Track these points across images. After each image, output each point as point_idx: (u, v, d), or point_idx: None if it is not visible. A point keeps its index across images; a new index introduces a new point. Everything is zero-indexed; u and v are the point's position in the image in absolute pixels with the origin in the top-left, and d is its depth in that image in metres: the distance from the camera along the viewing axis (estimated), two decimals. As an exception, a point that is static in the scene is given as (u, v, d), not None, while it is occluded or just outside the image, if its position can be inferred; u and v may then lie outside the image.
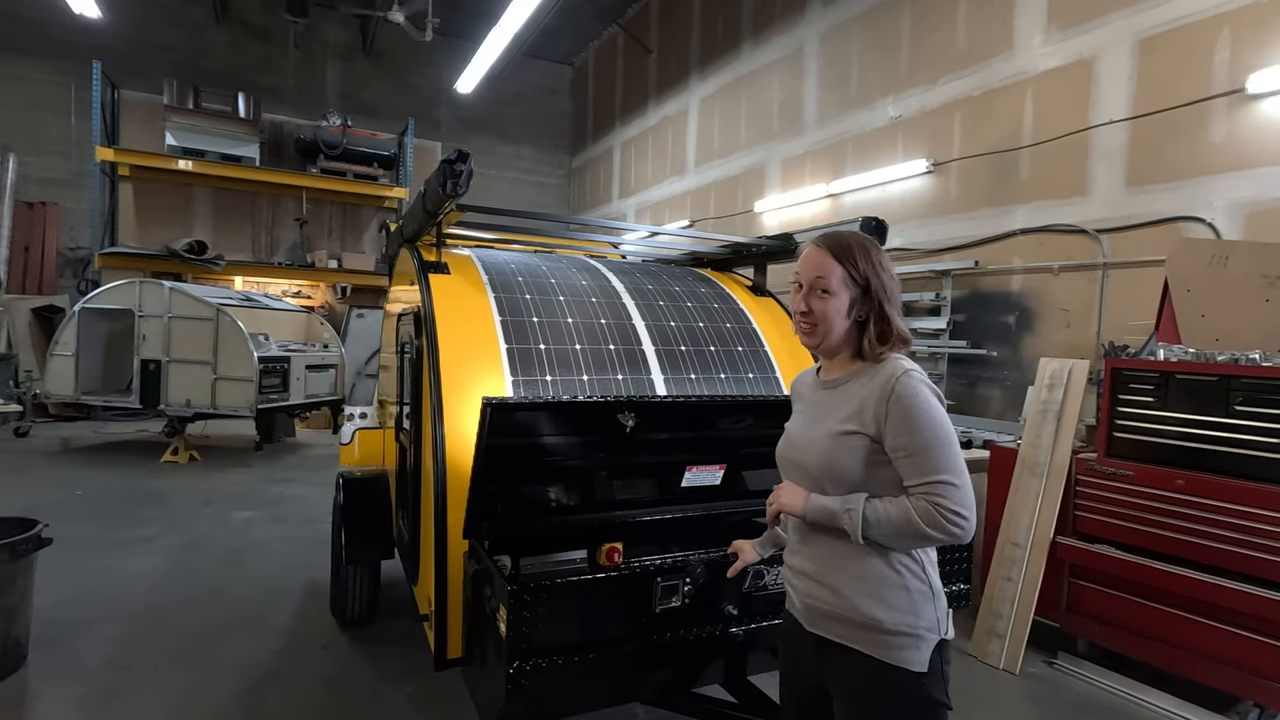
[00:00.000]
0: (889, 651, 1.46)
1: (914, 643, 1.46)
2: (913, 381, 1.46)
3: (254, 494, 6.75)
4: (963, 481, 1.41)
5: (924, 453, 1.42)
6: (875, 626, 1.47)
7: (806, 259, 1.61)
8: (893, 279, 1.58)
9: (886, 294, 1.55)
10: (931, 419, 1.44)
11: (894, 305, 1.56)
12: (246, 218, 12.21)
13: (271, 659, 3.45)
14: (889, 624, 1.46)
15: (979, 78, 6.37)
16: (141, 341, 8.15)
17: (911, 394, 1.45)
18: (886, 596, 1.47)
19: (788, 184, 8.86)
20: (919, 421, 1.43)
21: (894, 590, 1.48)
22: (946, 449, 1.43)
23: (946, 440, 1.43)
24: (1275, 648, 3.00)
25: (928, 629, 1.48)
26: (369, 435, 4.31)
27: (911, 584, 1.49)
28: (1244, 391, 3.13)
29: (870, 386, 1.51)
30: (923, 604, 1.48)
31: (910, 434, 1.43)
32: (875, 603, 1.47)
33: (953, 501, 1.38)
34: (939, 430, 1.43)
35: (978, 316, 6.34)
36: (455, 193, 2.36)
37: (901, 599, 1.47)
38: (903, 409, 1.44)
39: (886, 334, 1.54)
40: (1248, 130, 4.57)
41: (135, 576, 4.48)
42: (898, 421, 1.44)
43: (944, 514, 1.38)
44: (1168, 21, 4.99)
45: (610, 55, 13.92)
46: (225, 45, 12.61)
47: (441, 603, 2.32)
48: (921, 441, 1.43)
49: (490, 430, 1.95)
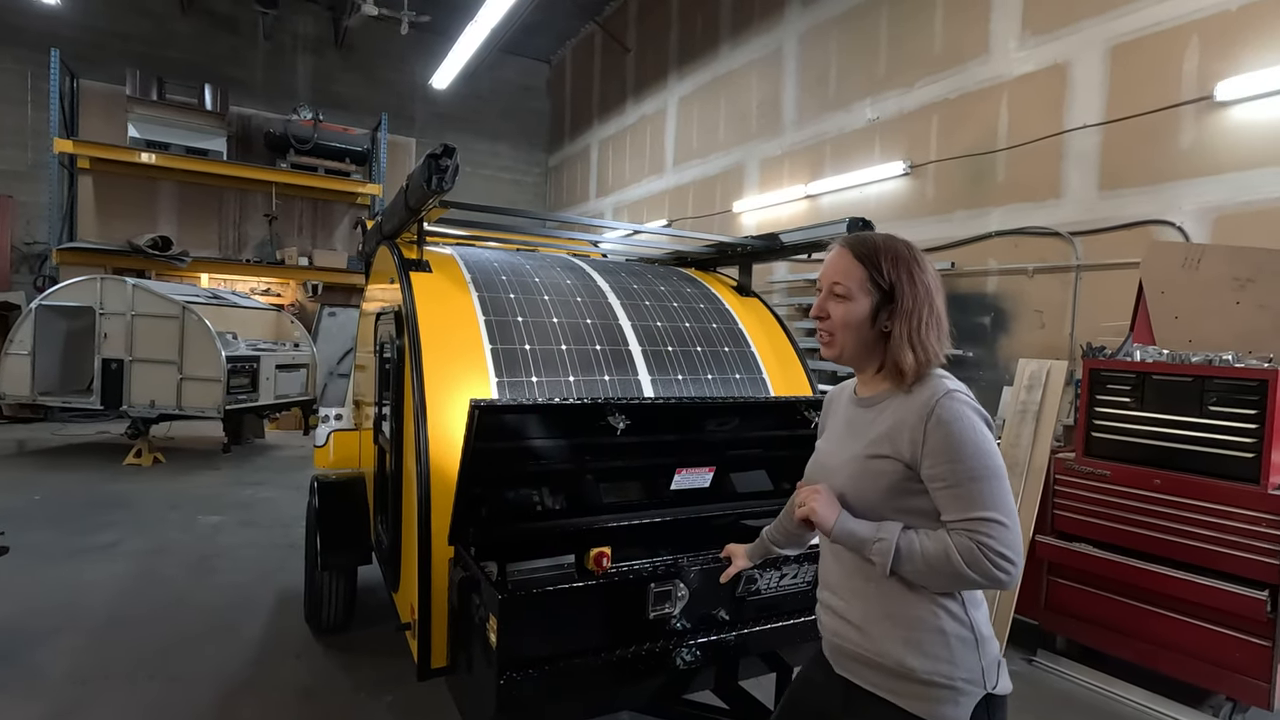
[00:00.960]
0: (922, 705, 1.30)
1: (952, 696, 1.29)
2: (956, 404, 1.30)
3: (222, 497, 6.56)
4: (1013, 522, 1.24)
5: (968, 485, 1.26)
6: (907, 675, 1.31)
7: (828, 260, 1.47)
8: (929, 290, 1.39)
9: (918, 307, 1.37)
10: (978, 447, 1.27)
11: (928, 322, 1.36)
12: (213, 213, 11.89)
13: (243, 670, 3.34)
14: (922, 673, 1.30)
15: (955, 81, 6.45)
16: (103, 340, 7.88)
17: (955, 418, 1.28)
18: (920, 640, 1.31)
19: (766, 184, 8.89)
20: (963, 450, 1.27)
21: (929, 634, 1.31)
22: (996, 483, 1.26)
23: (995, 473, 1.26)
24: (1246, 642, 3.07)
25: (967, 680, 1.30)
26: (345, 437, 4.20)
27: (949, 626, 1.31)
28: (1217, 392, 3.19)
29: (908, 407, 1.34)
30: (962, 651, 1.31)
31: (952, 463, 1.27)
32: (907, 647, 1.31)
33: (1001, 543, 1.21)
34: (987, 460, 1.27)
35: (954, 317, 6.28)
36: (441, 188, 2.29)
37: (937, 644, 1.30)
38: (944, 434, 1.28)
39: (919, 357, 1.35)
40: (1216, 136, 4.69)
41: (97, 585, 4.31)
42: (937, 448, 1.28)
43: (990, 555, 1.21)
44: (1139, 29, 5.10)
45: (588, 53, 13.84)
46: (191, 35, 12.26)
47: (425, 611, 2.25)
48: (965, 472, 1.26)
49: (478, 433, 1.89)
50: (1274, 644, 2.99)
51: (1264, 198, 4.43)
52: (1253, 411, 3.08)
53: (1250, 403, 3.08)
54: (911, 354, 1.35)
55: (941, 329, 1.40)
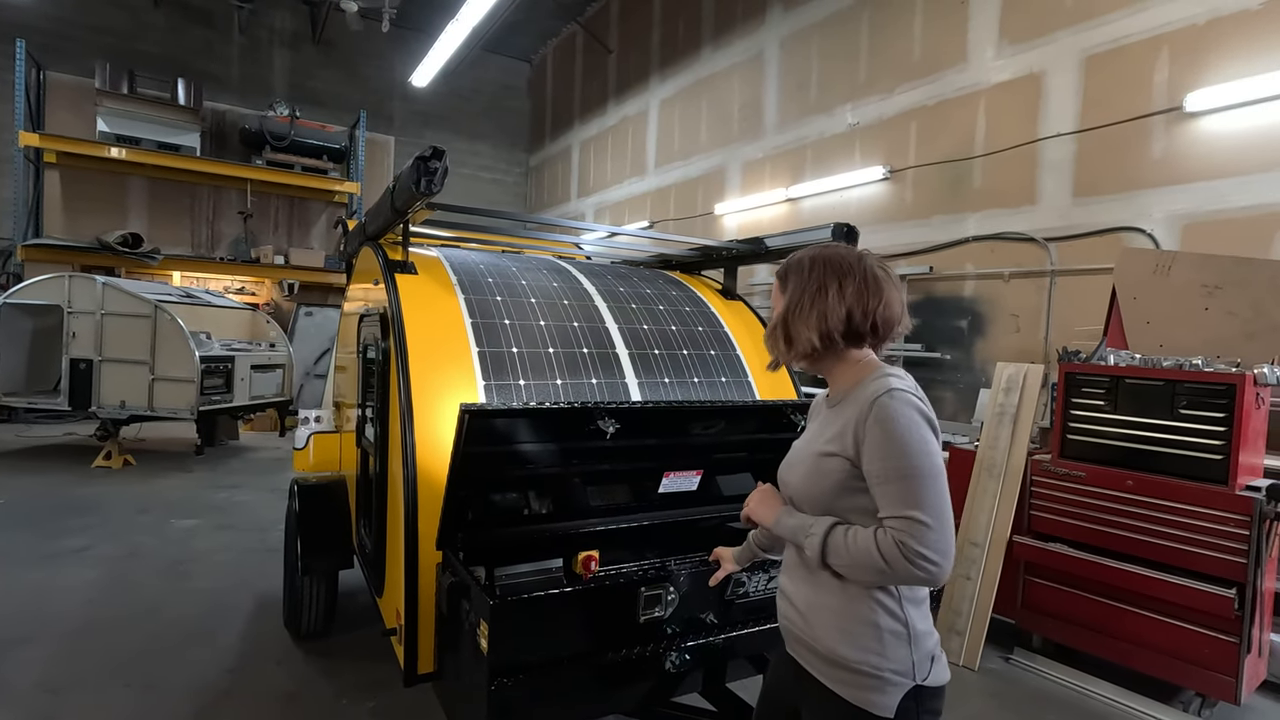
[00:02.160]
0: (850, 691, 1.37)
1: (879, 685, 1.35)
2: (895, 402, 1.33)
3: (196, 500, 6.43)
4: (938, 522, 1.25)
5: (898, 483, 1.29)
6: (838, 662, 1.38)
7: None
8: (812, 290, 1.45)
9: (798, 303, 1.47)
10: (910, 446, 1.30)
11: (801, 315, 1.45)
12: (186, 210, 11.65)
13: (222, 677, 3.27)
14: (852, 661, 1.36)
15: (934, 88, 6.56)
16: (71, 339, 7.67)
17: (891, 417, 1.31)
18: (853, 631, 1.37)
19: (748, 187, 8.95)
20: (894, 447, 1.30)
21: (862, 626, 1.37)
22: (925, 483, 1.28)
23: (926, 473, 1.28)
24: (1215, 639, 3.16)
25: (896, 672, 1.36)
26: (325, 439, 4.14)
27: (883, 621, 1.37)
28: (1187, 395, 3.29)
29: (855, 405, 1.39)
30: (893, 644, 1.36)
31: (885, 460, 1.30)
32: (841, 636, 1.38)
33: (921, 543, 1.23)
34: (918, 460, 1.29)
35: (932, 321, 6.52)
36: (430, 191, 2.27)
37: (868, 636, 1.36)
38: (880, 432, 1.32)
39: (789, 342, 1.47)
40: (1185, 146, 4.82)
41: (67, 591, 4.20)
42: (873, 445, 1.32)
43: (908, 554, 1.24)
44: (1111, 40, 5.23)
45: (569, 53, 13.82)
46: (164, 28, 12.01)
47: (412, 616, 2.23)
48: (895, 470, 1.29)
49: (468, 438, 1.88)
50: (1241, 640, 3.09)
51: (1230, 206, 4.57)
52: (1221, 415, 3.17)
53: (1219, 406, 3.18)
54: (780, 343, 1.50)
55: (815, 321, 1.44)
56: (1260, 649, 3.29)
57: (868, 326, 1.44)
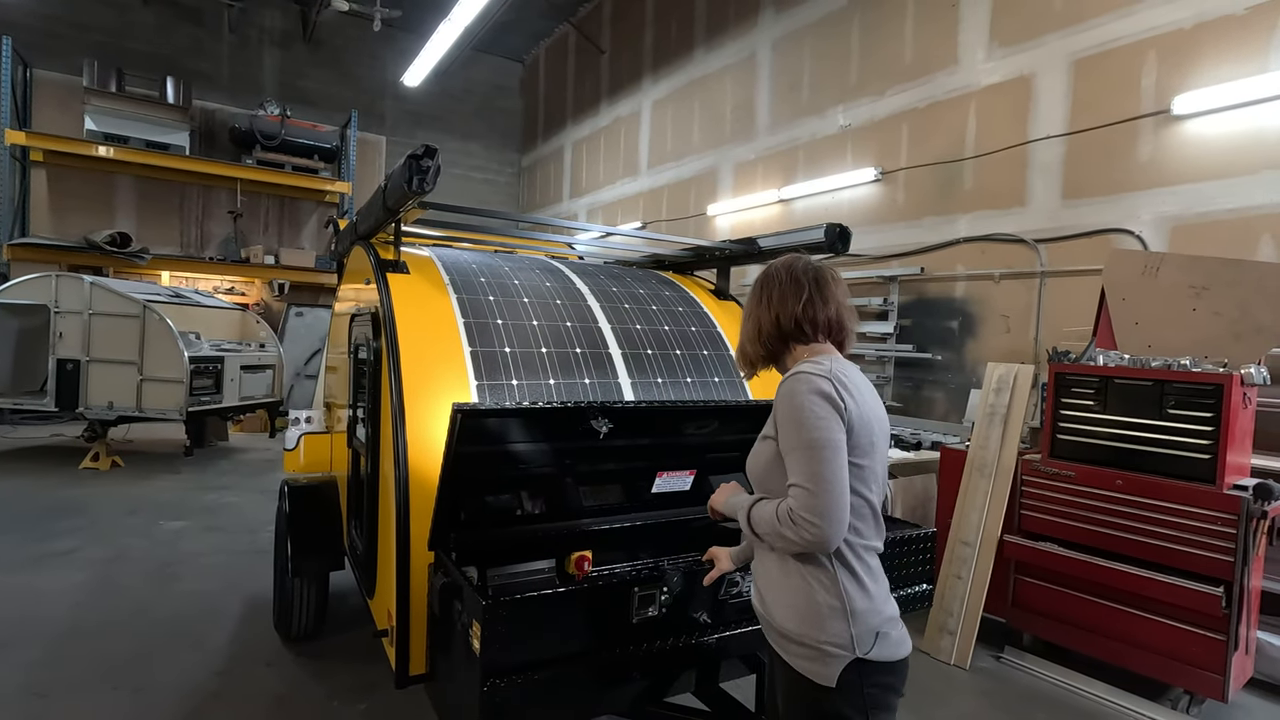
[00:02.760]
0: (799, 661, 1.51)
1: (819, 656, 1.48)
2: (792, 382, 1.51)
3: (185, 502, 6.38)
4: (817, 487, 1.41)
5: (789, 454, 1.48)
6: (786, 635, 1.53)
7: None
8: (750, 305, 1.72)
9: (744, 318, 1.74)
10: (797, 422, 1.47)
11: (744, 328, 1.73)
12: (174, 209, 11.56)
13: (211, 680, 3.25)
14: (794, 634, 1.51)
15: (925, 90, 6.59)
16: (58, 340, 7.60)
17: (787, 395, 1.51)
18: (796, 605, 1.52)
19: (740, 188, 8.96)
20: (786, 427, 1.49)
21: (802, 600, 1.51)
22: (805, 453, 1.44)
23: (808, 445, 1.44)
24: (1203, 637, 3.19)
25: (834, 645, 1.48)
26: (315, 440, 4.11)
27: (820, 598, 1.50)
28: (1175, 396, 3.32)
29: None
30: (830, 620, 1.49)
31: (784, 435, 1.50)
32: (787, 611, 1.53)
33: (802, 506, 1.42)
34: (803, 433, 1.45)
35: (923, 321, 6.55)
36: (422, 189, 2.26)
37: (809, 611, 1.50)
38: (780, 410, 1.52)
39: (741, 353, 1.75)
40: (1172, 149, 4.86)
41: (54, 594, 4.16)
42: (780, 425, 1.52)
43: (794, 517, 1.43)
44: (1099, 44, 5.27)
45: (562, 54, 13.80)
46: (153, 26, 11.91)
47: (404, 617, 2.22)
48: (786, 443, 1.49)
49: (460, 437, 1.87)
50: (1228, 638, 3.12)
51: (1217, 209, 4.61)
52: (1209, 414, 3.20)
53: (1206, 406, 3.21)
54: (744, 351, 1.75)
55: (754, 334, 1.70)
56: (1247, 647, 3.32)
57: (793, 326, 1.64)
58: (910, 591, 2.34)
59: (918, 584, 2.39)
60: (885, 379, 6.70)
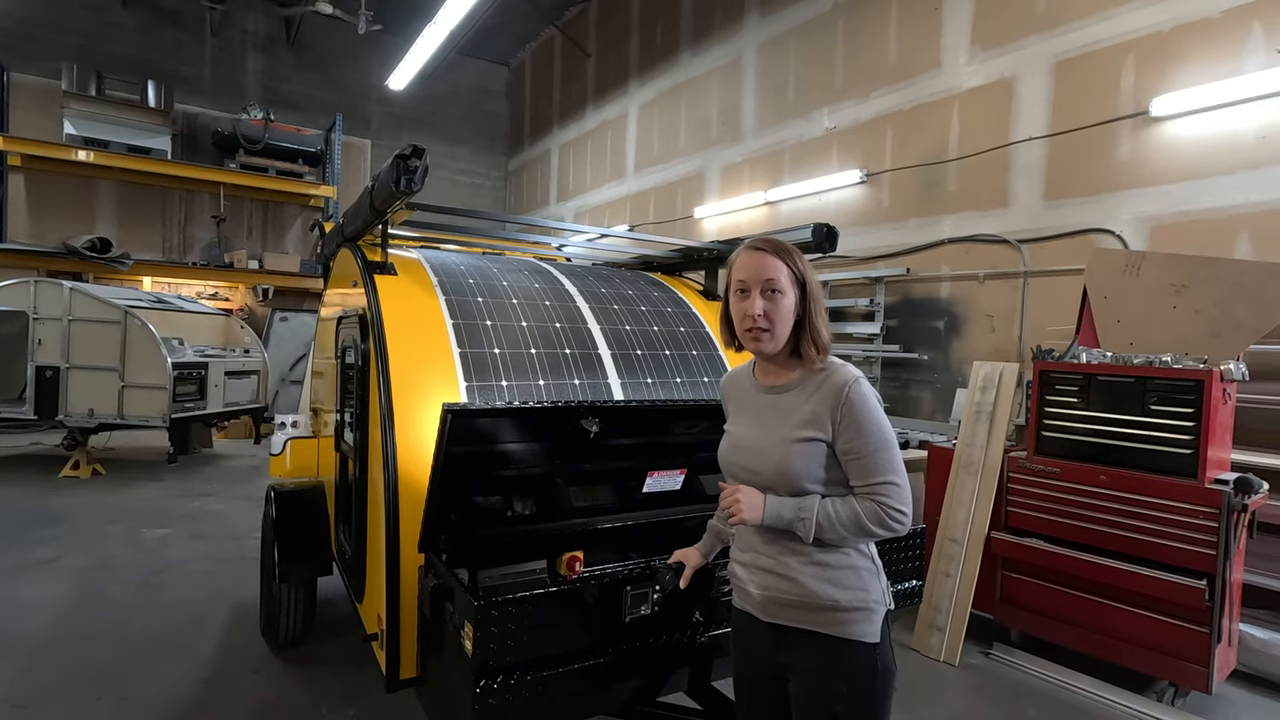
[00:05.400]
0: (847, 628, 1.57)
1: (868, 616, 1.58)
2: (863, 389, 1.58)
3: (168, 510, 6.29)
4: (904, 481, 1.55)
5: (872, 456, 1.54)
6: (834, 607, 1.57)
7: (750, 263, 1.64)
8: (818, 282, 1.68)
9: (818, 295, 1.65)
10: (880, 424, 1.57)
11: (821, 306, 1.65)
12: (156, 214, 11.44)
13: (197, 689, 3.20)
14: (845, 602, 1.57)
15: (909, 93, 6.65)
16: (37, 346, 7.49)
17: (863, 401, 1.56)
18: (840, 578, 1.58)
19: (727, 191, 9.00)
20: (869, 427, 1.55)
21: (846, 572, 1.59)
22: (891, 452, 1.56)
23: (891, 444, 1.56)
24: (1186, 629, 3.23)
25: (877, 601, 1.60)
26: (302, 445, 4.08)
27: (860, 562, 1.61)
28: (1157, 392, 3.36)
29: (822, 393, 1.60)
30: (870, 579, 1.61)
31: (862, 439, 1.55)
32: (833, 586, 1.58)
33: (895, 500, 1.53)
34: (886, 434, 1.56)
35: (909, 322, 6.60)
36: (410, 190, 2.25)
37: (852, 578, 1.59)
38: (855, 416, 1.55)
39: (825, 338, 1.63)
40: (1151, 150, 4.94)
41: (35, 604, 4.08)
42: (850, 427, 1.55)
43: (888, 511, 1.52)
44: (1079, 46, 5.35)
45: (548, 57, 13.80)
46: (133, 30, 11.77)
47: (394, 620, 2.20)
48: (870, 446, 1.54)
49: (451, 438, 1.86)
50: (1211, 630, 3.16)
51: (1195, 208, 4.69)
52: (1190, 410, 3.25)
53: (1187, 401, 3.26)
54: (823, 335, 1.62)
55: (825, 313, 1.68)
56: (1230, 639, 3.37)
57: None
58: (901, 588, 2.35)
59: (908, 580, 2.41)
60: (873, 379, 6.74)
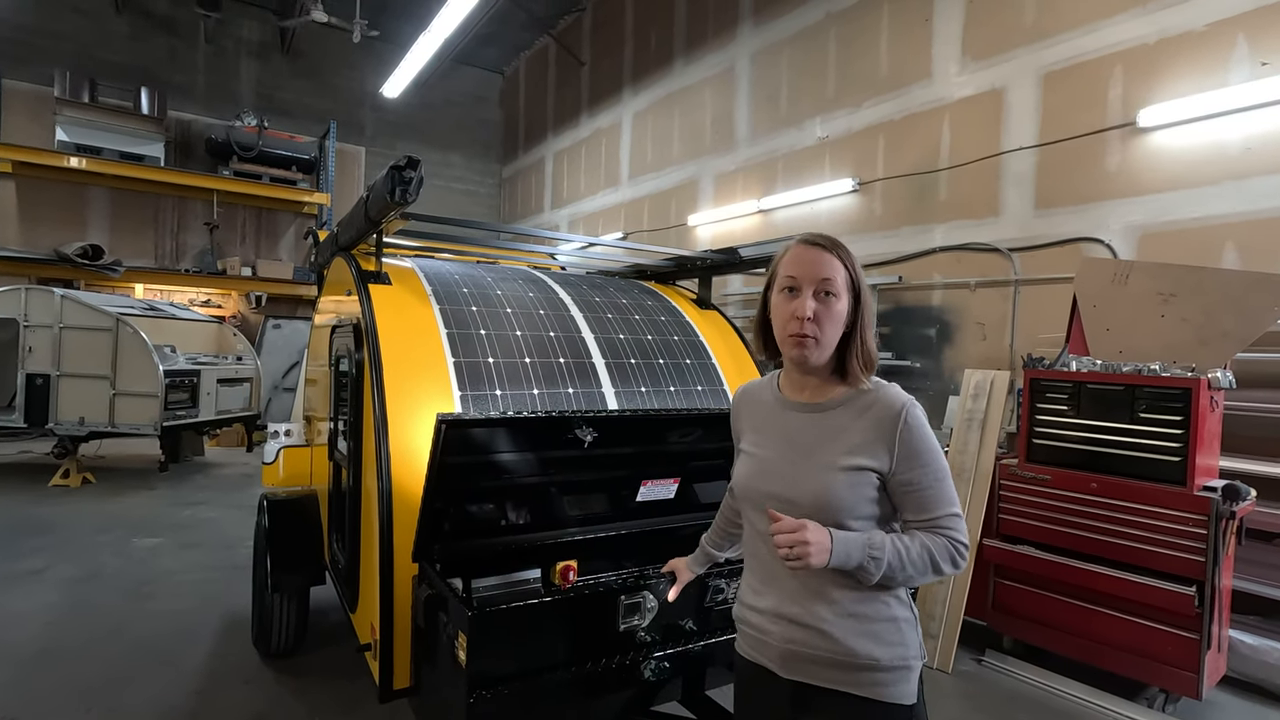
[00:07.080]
0: (885, 689, 1.38)
1: (906, 675, 1.40)
2: (919, 413, 1.40)
3: (160, 519, 6.25)
4: (961, 513, 1.41)
5: (936, 487, 1.37)
6: (873, 666, 1.37)
7: (805, 257, 1.41)
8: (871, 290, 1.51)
9: (869, 304, 1.44)
10: (937, 453, 1.40)
11: (873, 318, 1.45)
12: (149, 221, 11.39)
13: (188, 700, 3.18)
14: (886, 661, 1.38)
15: (900, 103, 6.71)
16: (27, 354, 7.44)
17: (921, 427, 1.38)
18: (880, 632, 1.38)
19: (720, 199, 9.04)
20: (927, 456, 1.37)
21: (886, 624, 1.39)
22: (950, 482, 1.41)
23: (948, 472, 1.41)
24: (1176, 636, 3.26)
25: (915, 657, 1.42)
26: (295, 453, 4.06)
27: (900, 613, 1.41)
28: (1146, 399, 3.40)
29: (873, 416, 1.39)
30: (909, 632, 1.42)
31: (921, 469, 1.37)
32: (872, 641, 1.37)
33: (963, 534, 1.37)
34: (943, 463, 1.40)
35: (901, 329, 6.64)
36: (405, 200, 2.26)
37: (893, 632, 1.39)
38: (914, 444, 1.37)
39: (872, 354, 1.42)
40: (1139, 160, 5.00)
41: (23, 615, 4.05)
42: (909, 456, 1.37)
43: (958, 547, 1.36)
44: (1068, 58, 5.41)
45: (542, 65, 13.86)
46: (127, 36, 11.75)
47: (387, 630, 2.20)
48: (932, 476, 1.37)
49: (445, 448, 1.87)
50: (1201, 637, 3.18)
51: (1183, 218, 4.74)
52: (1178, 418, 3.28)
53: (1176, 409, 3.29)
54: (872, 350, 1.42)
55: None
56: (1220, 645, 3.39)
57: None
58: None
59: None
60: (865, 386, 6.75)
